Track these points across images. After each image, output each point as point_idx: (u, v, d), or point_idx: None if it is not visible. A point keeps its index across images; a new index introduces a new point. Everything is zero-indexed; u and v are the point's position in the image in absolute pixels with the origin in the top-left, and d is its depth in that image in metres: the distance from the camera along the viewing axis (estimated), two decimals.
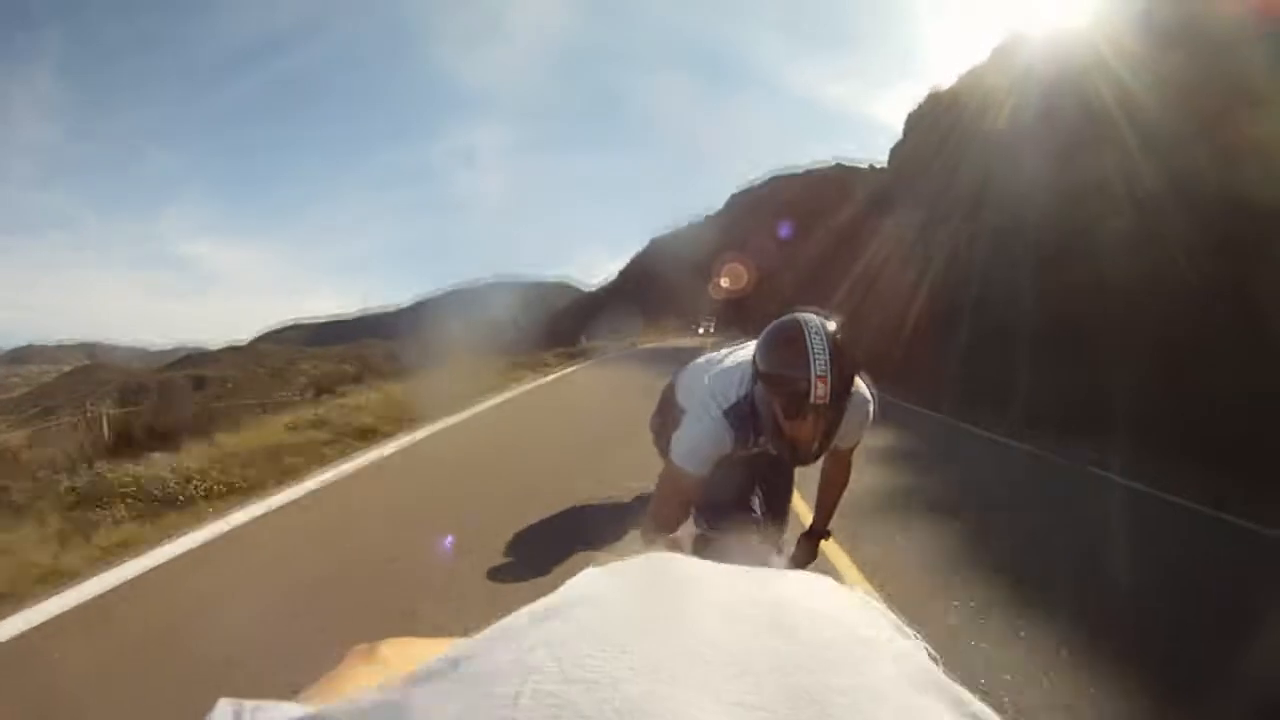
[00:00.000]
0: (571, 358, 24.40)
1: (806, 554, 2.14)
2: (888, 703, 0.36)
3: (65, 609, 3.08)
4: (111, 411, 12.28)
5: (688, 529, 2.10)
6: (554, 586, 0.38)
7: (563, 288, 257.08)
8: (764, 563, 1.79)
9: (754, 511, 2.15)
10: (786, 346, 1.45)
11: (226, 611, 3.10)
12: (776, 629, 0.42)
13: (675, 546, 1.82)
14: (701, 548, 2.05)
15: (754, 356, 1.55)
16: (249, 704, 0.36)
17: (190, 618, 3.09)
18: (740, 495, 2.11)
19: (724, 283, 66.47)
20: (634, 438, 5.00)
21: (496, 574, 3.57)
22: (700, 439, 1.66)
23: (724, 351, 2.05)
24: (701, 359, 2.24)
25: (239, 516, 4.50)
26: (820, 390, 1.38)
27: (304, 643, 2.60)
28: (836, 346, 1.41)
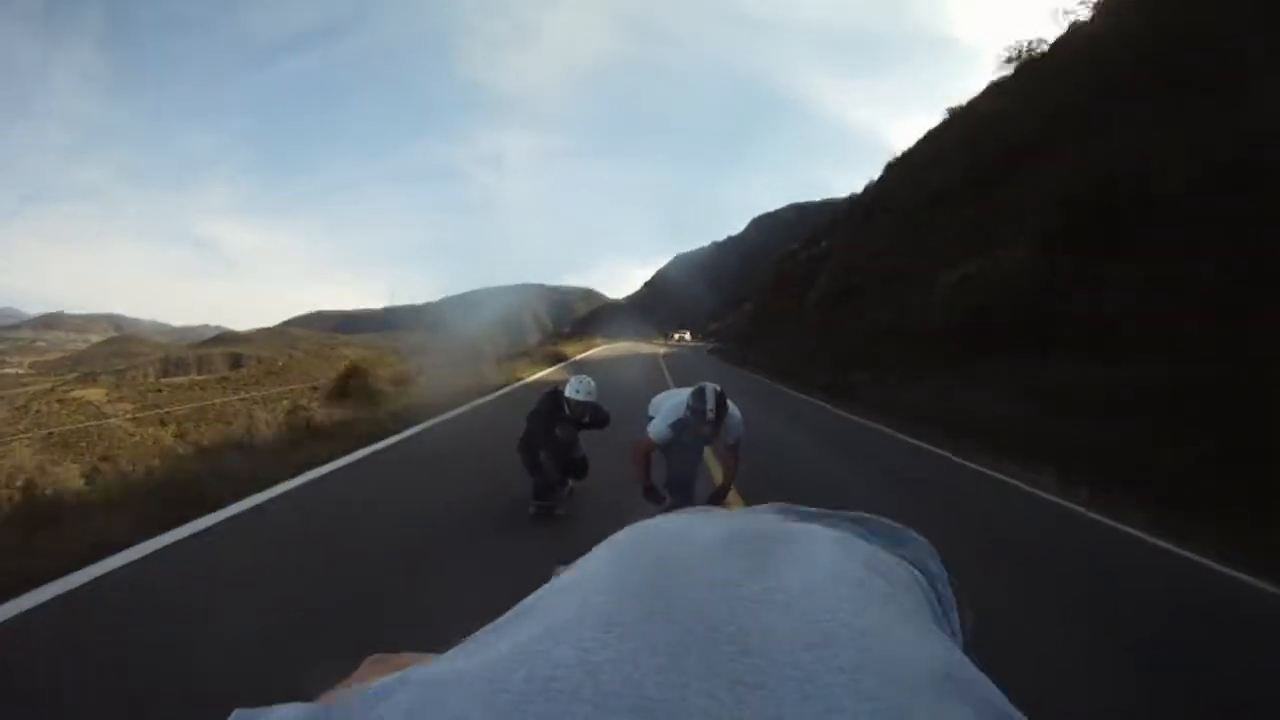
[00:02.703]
0: (619, 339, 69.57)
1: (714, 504, 3.59)
2: (888, 685, 0.37)
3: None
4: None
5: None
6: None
7: (587, 294, 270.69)
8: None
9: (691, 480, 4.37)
10: (699, 398, 3.53)
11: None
12: (776, 605, 0.44)
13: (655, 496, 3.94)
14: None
15: (688, 399, 3.63)
16: (260, 711, 0.38)
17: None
18: (686, 474, 4.31)
19: (679, 336, 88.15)
20: (649, 347, 26.68)
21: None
22: (658, 430, 3.86)
23: (673, 392, 4.25)
24: (663, 394, 4.47)
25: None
26: (710, 415, 3.46)
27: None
28: (719, 398, 3.49)
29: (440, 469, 7.06)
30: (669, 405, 3.97)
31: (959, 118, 26.78)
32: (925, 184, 23.16)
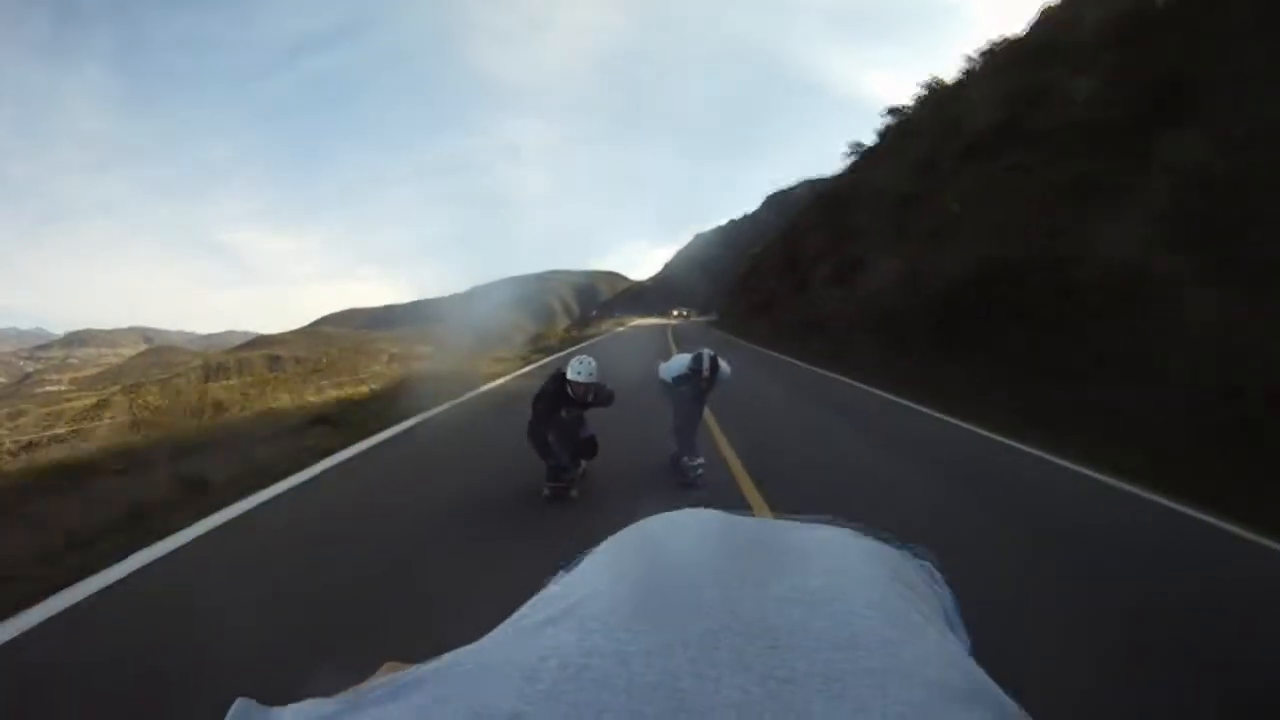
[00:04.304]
0: (648, 317, 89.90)
1: None
2: (914, 690, 0.38)
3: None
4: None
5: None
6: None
7: (611, 277, 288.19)
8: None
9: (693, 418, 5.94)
10: (697, 360, 5.55)
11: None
12: (804, 604, 0.45)
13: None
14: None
15: (689, 361, 5.66)
16: (283, 709, 0.40)
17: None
18: (690, 414, 5.87)
19: (677, 313, 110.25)
20: (668, 321, 56.47)
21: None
22: (665, 376, 5.97)
23: (680, 355, 5.92)
24: (670, 359, 6.07)
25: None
26: (706, 374, 5.52)
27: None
28: (712, 361, 5.55)
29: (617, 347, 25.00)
30: (676, 364, 5.87)
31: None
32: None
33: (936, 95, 24.57)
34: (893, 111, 29.13)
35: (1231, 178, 8.77)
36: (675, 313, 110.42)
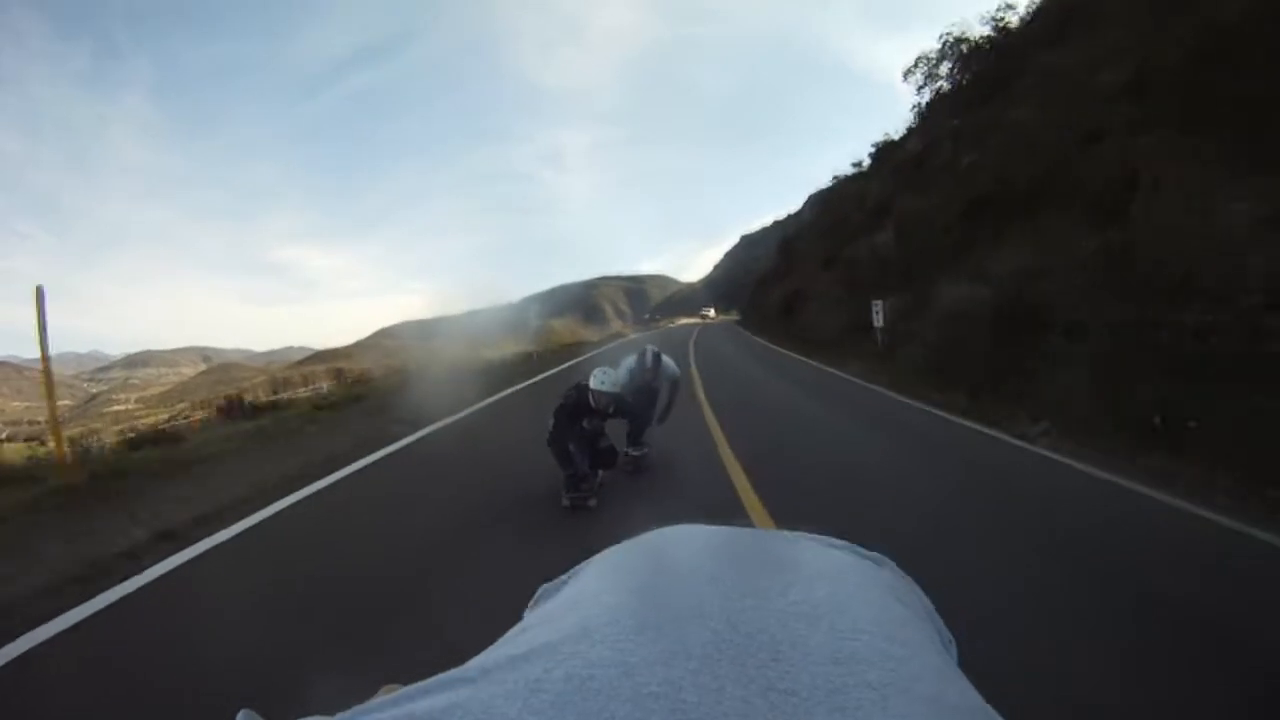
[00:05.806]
0: (694, 316, 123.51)
1: (659, 423, 7.25)
2: (915, 704, 0.40)
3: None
4: None
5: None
6: None
7: (661, 280, 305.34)
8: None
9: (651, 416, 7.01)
10: (640, 357, 6.65)
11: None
12: (805, 617, 0.47)
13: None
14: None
15: (636, 358, 6.71)
16: None
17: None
18: (646, 410, 6.79)
19: (704, 313, 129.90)
20: (710, 321, 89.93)
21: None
22: (620, 377, 6.01)
23: (626, 359, 6.83)
24: (626, 360, 6.82)
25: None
26: (649, 366, 6.56)
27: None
28: (655, 356, 6.66)
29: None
30: (628, 362, 6.64)
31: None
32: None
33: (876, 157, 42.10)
34: (841, 173, 46.15)
35: (892, 258, 26.05)
36: (701, 313, 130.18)
